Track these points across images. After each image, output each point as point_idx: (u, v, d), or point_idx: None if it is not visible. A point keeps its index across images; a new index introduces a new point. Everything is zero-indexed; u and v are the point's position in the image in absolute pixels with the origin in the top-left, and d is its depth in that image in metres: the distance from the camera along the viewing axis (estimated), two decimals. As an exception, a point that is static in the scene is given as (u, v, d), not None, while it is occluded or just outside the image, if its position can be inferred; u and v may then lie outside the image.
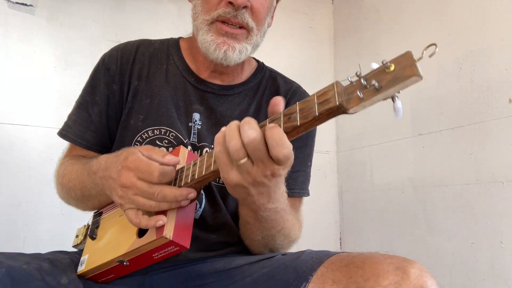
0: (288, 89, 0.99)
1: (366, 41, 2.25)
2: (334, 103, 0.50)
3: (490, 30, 1.56)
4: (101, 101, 0.90)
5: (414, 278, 0.57)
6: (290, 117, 0.54)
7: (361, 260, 0.62)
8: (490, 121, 1.53)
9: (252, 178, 0.57)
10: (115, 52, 0.94)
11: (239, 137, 0.54)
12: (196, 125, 0.89)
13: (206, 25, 0.85)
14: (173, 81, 0.92)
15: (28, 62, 1.76)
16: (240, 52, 0.85)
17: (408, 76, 0.46)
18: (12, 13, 1.76)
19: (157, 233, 0.65)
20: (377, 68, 0.50)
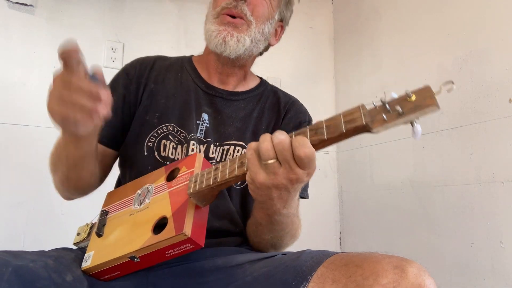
0: (287, 101, 1.08)
1: (366, 41, 2.25)
2: (361, 122, 0.57)
3: (490, 30, 1.56)
4: (118, 99, 0.98)
5: (413, 276, 0.58)
6: (316, 132, 0.61)
7: (360, 260, 0.63)
8: (490, 121, 1.53)
9: (277, 180, 0.62)
10: (135, 62, 1.06)
11: (270, 140, 0.62)
12: (204, 123, 0.98)
13: (213, 18, 0.97)
14: (186, 86, 1.02)
15: (28, 62, 1.76)
16: (238, 41, 0.94)
17: (428, 105, 0.53)
18: (12, 13, 1.76)
19: (176, 229, 0.68)
20: (399, 96, 0.57)
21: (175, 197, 0.75)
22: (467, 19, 1.66)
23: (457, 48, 1.69)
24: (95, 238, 0.82)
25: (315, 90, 2.42)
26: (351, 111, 0.60)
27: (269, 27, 1.02)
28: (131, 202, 0.84)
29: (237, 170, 0.68)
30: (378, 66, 2.14)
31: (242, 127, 1.01)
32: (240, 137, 1.00)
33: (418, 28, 1.91)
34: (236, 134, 0.99)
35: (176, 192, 0.76)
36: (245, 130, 1.00)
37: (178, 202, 0.73)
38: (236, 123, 1.00)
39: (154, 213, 0.76)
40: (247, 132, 1.00)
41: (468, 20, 1.66)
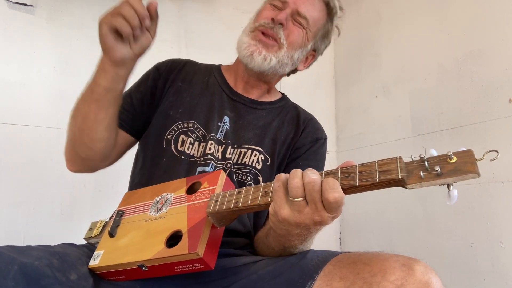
0: (306, 117, 1.12)
1: (366, 41, 2.25)
2: (396, 176, 0.56)
3: (490, 30, 1.56)
4: (145, 91, 1.06)
5: (420, 274, 0.60)
6: (348, 176, 0.60)
7: (368, 258, 0.65)
8: (490, 121, 1.53)
9: (301, 218, 0.61)
10: (167, 61, 1.13)
11: (301, 177, 0.61)
12: (225, 125, 1.02)
13: (249, 31, 1.03)
14: (211, 89, 1.07)
15: (28, 62, 1.76)
16: (265, 58, 0.99)
17: (468, 171, 0.53)
18: (12, 13, 1.76)
19: (189, 247, 0.67)
20: (439, 155, 0.56)
21: (193, 212, 0.74)
22: (467, 19, 1.66)
23: (457, 48, 1.69)
24: (106, 238, 0.82)
25: (315, 90, 2.42)
26: (387, 161, 0.59)
27: (300, 54, 1.06)
28: (148, 207, 0.83)
29: (260, 199, 0.66)
30: (378, 66, 2.14)
31: (261, 133, 1.04)
32: (258, 143, 1.02)
33: (418, 28, 1.91)
34: (255, 140, 1.02)
35: (195, 208, 0.75)
36: (264, 137, 1.03)
37: (195, 219, 0.72)
38: (256, 130, 1.04)
39: (170, 225, 0.75)
40: (265, 139, 1.03)
41: (468, 20, 1.66)
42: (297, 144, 1.05)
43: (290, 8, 1.02)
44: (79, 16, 1.90)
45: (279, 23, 0.99)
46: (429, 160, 0.55)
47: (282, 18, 0.99)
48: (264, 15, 1.03)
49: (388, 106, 2.03)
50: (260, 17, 1.04)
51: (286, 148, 1.04)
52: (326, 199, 0.58)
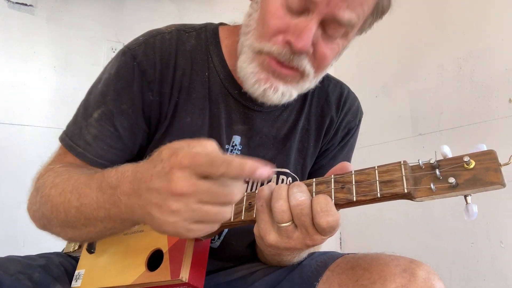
0: (340, 96, 0.86)
1: (366, 41, 2.25)
2: (402, 189, 0.46)
3: (490, 30, 1.56)
4: (133, 112, 0.72)
5: (422, 281, 0.55)
6: (343, 187, 0.50)
7: (367, 262, 0.61)
8: (490, 121, 1.53)
9: (291, 244, 0.52)
10: (150, 51, 0.74)
11: (286, 198, 0.50)
12: (235, 150, 0.77)
13: (252, 52, 0.69)
14: (214, 94, 0.77)
15: (28, 62, 1.76)
16: (283, 95, 0.70)
17: (491, 182, 0.42)
18: (12, 13, 1.76)
19: (171, 272, 0.59)
20: (454, 159, 0.45)
21: None
22: (467, 19, 1.66)
23: (457, 48, 1.69)
24: (86, 254, 0.75)
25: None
26: (389, 168, 0.48)
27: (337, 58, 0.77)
28: None
29: (244, 214, 0.56)
30: (378, 66, 2.14)
31: (285, 148, 0.80)
32: (283, 162, 0.80)
33: (418, 28, 1.91)
34: (278, 159, 0.80)
35: None
36: (289, 152, 0.80)
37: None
38: (278, 144, 0.80)
39: (149, 242, 0.65)
40: (291, 153, 0.81)
41: (468, 20, 1.66)
42: (326, 145, 0.86)
43: (320, 14, 0.62)
44: (79, 16, 1.89)
45: (304, 52, 0.65)
46: (440, 166, 0.45)
47: (305, 47, 0.63)
48: (272, 27, 0.65)
49: (388, 106, 2.03)
50: (268, 29, 0.66)
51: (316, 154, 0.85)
52: (319, 224, 0.48)
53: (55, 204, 0.62)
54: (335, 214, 0.49)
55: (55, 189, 0.63)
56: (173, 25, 0.81)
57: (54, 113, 1.74)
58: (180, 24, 0.82)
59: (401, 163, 0.48)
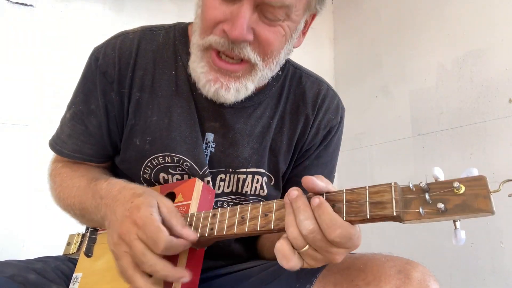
0: (317, 94, 0.83)
1: (366, 41, 2.25)
2: (391, 212, 0.46)
3: (490, 30, 1.56)
4: (99, 111, 0.77)
5: (417, 282, 0.55)
6: (334, 205, 0.50)
7: (363, 263, 0.61)
8: (490, 121, 1.53)
9: (319, 263, 0.52)
10: (111, 51, 0.78)
11: (296, 227, 0.50)
12: (209, 147, 0.77)
13: (198, 50, 0.69)
14: (183, 91, 0.76)
15: (28, 62, 1.76)
16: (238, 91, 0.69)
17: (480, 210, 0.43)
18: (12, 13, 1.76)
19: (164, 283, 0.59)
20: (444, 184, 0.45)
21: None
22: (467, 19, 1.66)
23: (457, 48, 1.69)
24: (84, 258, 0.76)
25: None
26: (380, 189, 0.48)
27: (289, 47, 0.74)
28: None
29: (236, 228, 0.57)
30: (378, 66, 2.14)
31: (260, 147, 0.79)
32: (258, 163, 0.79)
33: (418, 28, 1.91)
34: (254, 159, 0.78)
35: None
36: (263, 151, 0.79)
37: None
38: (253, 142, 0.79)
39: None
40: (265, 152, 0.80)
41: (468, 20, 1.66)
42: (306, 146, 0.83)
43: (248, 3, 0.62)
44: (79, 16, 1.90)
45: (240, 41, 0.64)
46: (431, 189, 0.45)
47: (240, 35, 0.62)
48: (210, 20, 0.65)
49: (388, 106, 2.03)
50: (207, 22, 0.66)
51: (292, 153, 0.83)
52: (332, 240, 0.48)
53: (65, 205, 0.77)
54: (342, 225, 0.48)
55: (63, 193, 0.77)
56: (143, 26, 0.83)
57: (54, 113, 1.75)
58: (151, 25, 0.83)
59: (392, 184, 0.48)
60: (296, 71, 0.86)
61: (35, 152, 1.69)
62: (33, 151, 1.69)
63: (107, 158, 0.83)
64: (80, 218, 0.77)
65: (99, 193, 0.66)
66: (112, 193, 0.63)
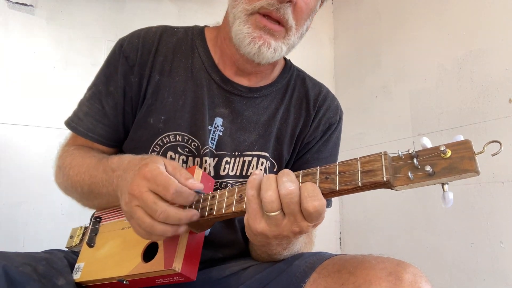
0: (318, 93, 0.92)
1: (366, 41, 2.25)
2: (381, 178, 0.48)
3: (490, 30, 1.57)
4: (117, 93, 0.83)
5: (408, 284, 0.54)
6: (327, 178, 0.53)
7: (354, 266, 0.60)
8: (490, 121, 1.53)
9: (279, 231, 0.54)
10: (135, 39, 0.85)
11: (276, 188, 0.53)
12: (217, 131, 0.83)
13: (245, 15, 0.76)
14: (197, 78, 0.85)
15: (28, 62, 1.76)
16: (275, 51, 0.77)
17: (466, 170, 0.44)
18: (12, 13, 1.76)
19: (165, 263, 0.63)
20: (431, 150, 0.47)
21: None
22: (467, 19, 1.66)
23: (457, 48, 1.69)
24: (86, 248, 0.79)
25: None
26: (370, 159, 0.51)
27: (309, 22, 0.85)
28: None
29: (235, 206, 0.59)
30: (378, 66, 2.14)
31: (266, 133, 0.86)
32: (263, 147, 0.85)
33: (418, 28, 1.91)
34: (259, 143, 0.85)
35: None
36: (269, 137, 0.86)
37: None
38: (259, 129, 0.86)
39: None
40: (271, 139, 0.86)
41: (468, 20, 1.66)
42: (307, 138, 0.89)
43: None
44: (79, 16, 1.90)
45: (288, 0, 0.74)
46: (419, 155, 0.47)
47: None
48: None
49: (388, 106, 2.03)
50: None
51: (294, 144, 0.89)
52: (306, 209, 0.51)
53: (73, 182, 0.80)
54: (321, 199, 0.51)
55: (72, 170, 0.80)
56: (164, 25, 0.92)
57: (54, 113, 1.75)
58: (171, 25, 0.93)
59: (382, 153, 0.50)
60: (300, 74, 0.96)
61: (36, 152, 1.69)
62: (34, 151, 1.69)
63: (117, 142, 0.87)
64: (86, 195, 0.79)
65: (111, 166, 0.71)
66: (123, 165, 0.68)
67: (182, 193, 0.60)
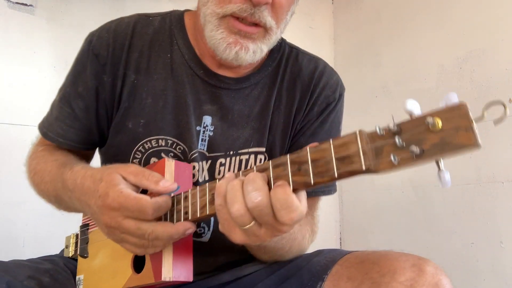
0: (313, 70, 0.81)
1: (366, 41, 2.25)
2: (360, 166, 0.39)
3: (490, 30, 1.56)
4: (87, 94, 0.75)
5: (430, 275, 0.58)
6: (300, 168, 0.44)
7: (377, 257, 0.62)
8: (490, 121, 1.53)
9: (260, 239, 0.49)
10: (105, 34, 0.77)
11: (242, 200, 0.46)
12: (207, 131, 0.75)
13: (216, 18, 0.69)
14: (179, 75, 0.76)
15: (28, 62, 1.76)
16: (254, 53, 0.70)
17: (462, 145, 0.35)
18: (12, 13, 1.76)
19: (154, 275, 0.58)
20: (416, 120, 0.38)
21: None
22: (467, 19, 1.66)
23: (457, 48, 1.69)
24: (81, 259, 0.76)
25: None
26: (345, 141, 0.42)
27: (293, 8, 0.76)
28: None
29: (209, 208, 0.53)
30: (378, 66, 2.14)
31: (260, 126, 0.77)
32: (260, 142, 0.77)
33: (418, 28, 1.91)
34: (255, 138, 0.77)
35: None
36: (264, 130, 0.78)
37: None
38: (252, 122, 0.77)
39: None
40: (266, 132, 0.78)
41: (468, 20, 1.66)
42: (302, 123, 0.80)
43: None
44: (79, 16, 1.90)
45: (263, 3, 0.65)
46: (402, 130, 0.38)
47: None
48: None
49: (388, 106, 2.03)
50: None
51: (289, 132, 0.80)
52: (282, 222, 0.45)
53: (40, 190, 0.77)
54: (297, 209, 0.45)
55: (37, 177, 0.76)
56: (139, 13, 0.85)
57: (54, 113, 1.75)
58: (147, 12, 0.85)
59: (357, 133, 0.41)
60: (293, 50, 0.85)
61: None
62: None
63: (91, 145, 0.81)
64: (57, 205, 0.75)
65: (67, 184, 0.65)
66: (78, 185, 0.62)
67: (161, 207, 0.55)
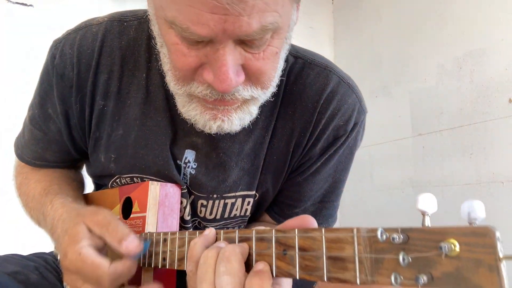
0: (321, 90, 0.63)
1: (366, 41, 2.25)
2: (353, 278, 0.32)
3: (490, 30, 1.57)
4: (57, 117, 0.65)
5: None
6: (285, 253, 0.37)
7: None
8: (490, 121, 1.53)
9: None
10: (69, 50, 0.62)
11: (213, 279, 0.39)
12: (188, 168, 0.63)
13: (185, 93, 0.53)
14: (156, 99, 0.61)
15: (28, 62, 1.76)
16: (242, 119, 0.55)
17: (480, 286, 0.25)
18: (12, 12, 1.76)
19: None
20: (431, 231, 0.28)
21: None
22: (466, 19, 1.66)
23: (457, 48, 1.69)
24: None
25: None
26: (339, 237, 0.33)
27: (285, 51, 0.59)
28: None
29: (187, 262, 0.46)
30: (378, 66, 2.14)
31: (252, 167, 0.64)
32: (250, 185, 0.65)
33: (418, 28, 1.91)
34: (244, 181, 0.65)
35: None
36: (256, 172, 0.65)
37: None
38: (243, 162, 0.64)
39: None
40: (258, 173, 0.65)
41: (468, 20, 1.66)
42: (301, 160, 0.66)
43: (224, 41, 0.45)
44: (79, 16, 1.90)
45: (228, 92, 0.49)
46: (409, 244, 0.29)
47: (228, 87, 0.48)
48: (183, 69, 0.50)
49: (388, 106, 2.03)
50: (181, 71, 0.50)
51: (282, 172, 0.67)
52: None
53: (26, 211, 0.75)
54: None
55: (22, 198, 0.75)
56: (112, 13, 0.69)
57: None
58: (122, 11, 0.69)
59: (354, 232, 0.32)
60: (297, 61, 0.66)
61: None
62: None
63: (72, 162, 0.74)
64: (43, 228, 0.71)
65: (46, 220, 0.63)
66: (53, 227, 0.59)
67: (120, 277, 0.49)
